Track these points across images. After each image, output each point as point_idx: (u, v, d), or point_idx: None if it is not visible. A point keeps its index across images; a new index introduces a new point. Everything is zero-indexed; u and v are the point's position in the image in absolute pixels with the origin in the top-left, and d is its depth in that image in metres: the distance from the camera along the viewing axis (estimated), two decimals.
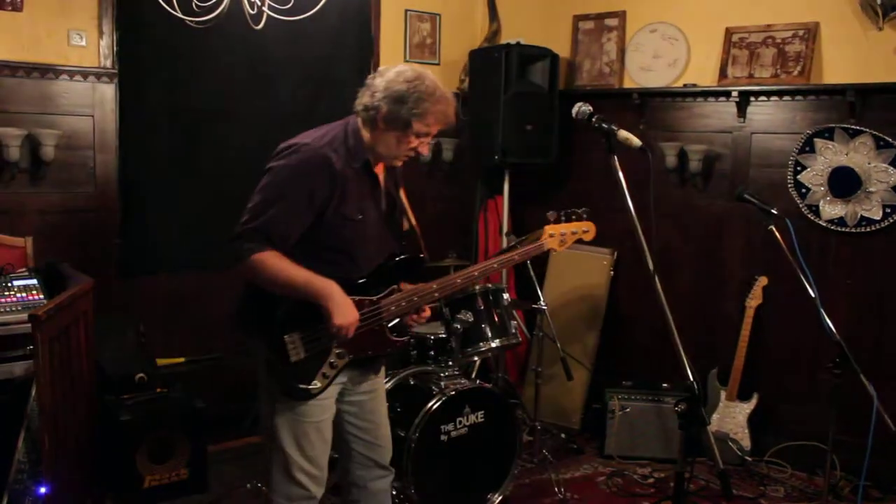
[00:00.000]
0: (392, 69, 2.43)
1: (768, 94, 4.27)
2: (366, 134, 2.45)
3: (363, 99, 2.44)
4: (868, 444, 3.16)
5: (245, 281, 2.48)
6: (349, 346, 2.45)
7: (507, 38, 5.20)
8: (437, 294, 2.58)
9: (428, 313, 2.63)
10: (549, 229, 2.77)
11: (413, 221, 2.67)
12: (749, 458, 4.18)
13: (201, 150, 4.28)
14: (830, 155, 4.08)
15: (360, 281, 2.48)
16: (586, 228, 2.85)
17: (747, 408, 4.22)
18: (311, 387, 2.42)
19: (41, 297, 3.31)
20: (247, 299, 2.50)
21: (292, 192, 2.34)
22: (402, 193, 2.67)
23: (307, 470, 2.50)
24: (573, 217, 2.82)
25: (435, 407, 3.35)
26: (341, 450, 2.71)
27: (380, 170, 2.54)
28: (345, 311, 2.35)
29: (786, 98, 4.24)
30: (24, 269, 3.48)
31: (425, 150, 2.51)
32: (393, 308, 2.52)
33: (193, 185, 4.27)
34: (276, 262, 2.32)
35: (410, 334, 2.64)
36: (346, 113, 2.53)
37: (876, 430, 3.14)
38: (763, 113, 4.33)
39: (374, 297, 2.50)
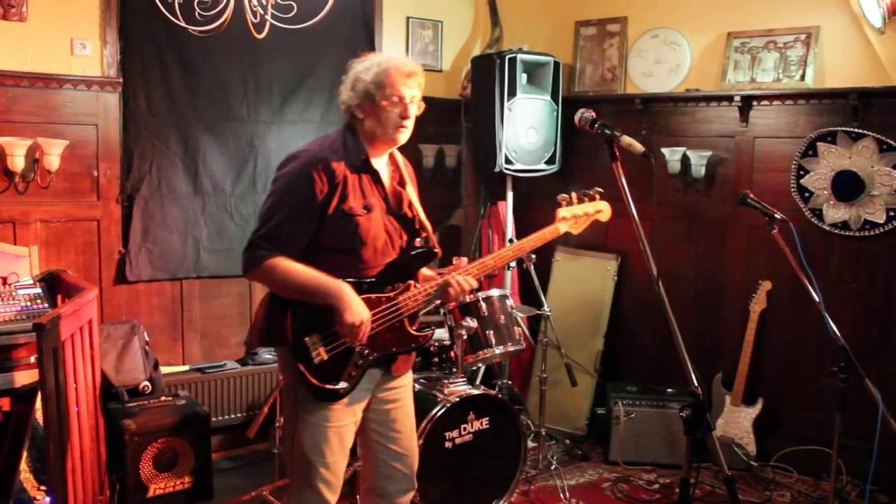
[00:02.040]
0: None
1: (770, 98, 4.27)
2: (357, 131, 2.54)
3: (341, 108, 2.57)
4: (874, 449, 3.15)
5: (262, 300, 2.56)
6: (372, 345, 2.48)
7: (509, 44, 5.21)
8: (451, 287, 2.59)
9: (474, 284, 2.63)
10: (562, 211, 2.76)
11: (423, 217, 2.69)
12: (754, 463, 4.17)
13: (205, 159, 4.29)
14: (833, 159, 4.08)
15: (373, 279, 2.51)
16: (600, 208, 2.81)
17: (752, 412, 4.21)
18: (338, 387, 2.45)
19: (45, 305, 3.31)
20: (265, 311, 2.54)
21: (295, 197, 2.42)
22: (413, 189, 2.69)
23: (326, 477, 2.51)
24: (585, 198, 2.78)
25: (439, 414, 3.35)
26: (366, 459, 2.70)
27: (382, 167, 2.58)
28: (355, 308, 2.39)
29: (788, 102, 4.24)
30: (28, 278, 3.50)
31: (412, 112, 2.51)
32: (410, 303, 2.54)
33: (196, 194, 4.28)
34: (286, 267, 2.39)
35: (432, 327, 2.64)
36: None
37: (882, 435, 3.12)
38: (765, 117, 4.33)
39: (391, 294, 2.53)
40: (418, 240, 2.67)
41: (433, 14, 5.16)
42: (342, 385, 2.45)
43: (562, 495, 3.87)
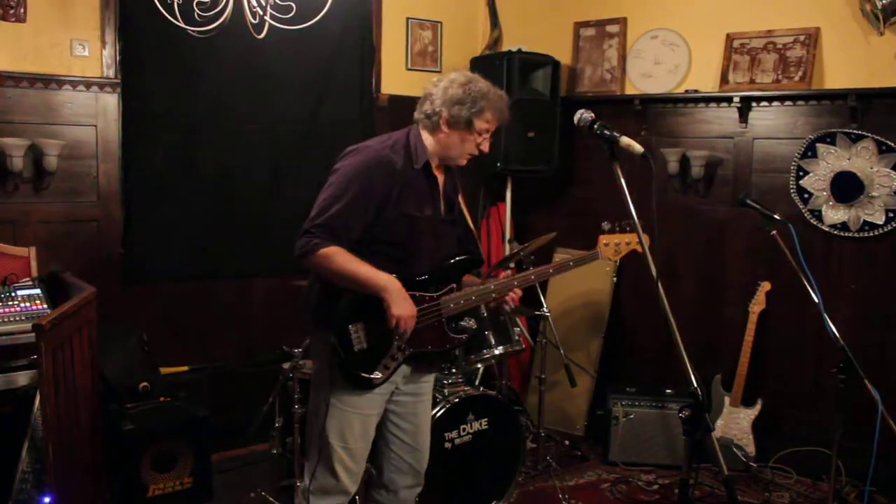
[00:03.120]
0: (445, 78, 2.60)
1: (770, 99, 4.27)
2: (428, 139, 2.60)
3: (423, 107, 2.60)
4: (873, 450, 3.15)
5: (311, 278, 2.63)
6: (410, 340, 2.54)
7: (508, 45, 5.21)
8: (494, 294, 2.69)
9: (519, 293, 2.74)
10: (604, 238, 2.86)
11: (471, 225, 2.78)
12: (754, 464, 4.17)
13: (204, 160, 4.29)
14: (833, 160, 4.08)
15: (421, 278, 2.58)
16: (640, 240, 2.86)
17: (751, 413, 4.21)
18: (373, 376, 2.52)
19: (45, 306, 3.32)
20: (316, 290, 2.60)
21: (354, 190, 2.47)
22: (461, 199, 2.79)
23: (346, 462, 2.59)
24: (627, 228, 2.88)
25: (439, 414, 3.35)
26: (379, 449, 2.76)
27: (440, 174, 2.65)
28: (403, 303, 2.47)
29: (787, 103, 4.24)
30: (27, 279, 3.49)
31: (486, 147, 2.64)
32: (452, 305, 2.62)
33: (196, 194, 4.28)
34: (340, 257, 2.45)
35: (469, 332, 2.73)
36: (349, 120, 2.60)
37: (881, 436, 3.12)
38: (765, 118, 4.33)
39: (434, 294, 2.60)
40: (465, 247, 2.77)
41: (433, 15, 5.16)
42: (377, 375, 2.53)
43: (561, 496, 3.87)
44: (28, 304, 3.29)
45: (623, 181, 2.31)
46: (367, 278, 2.46)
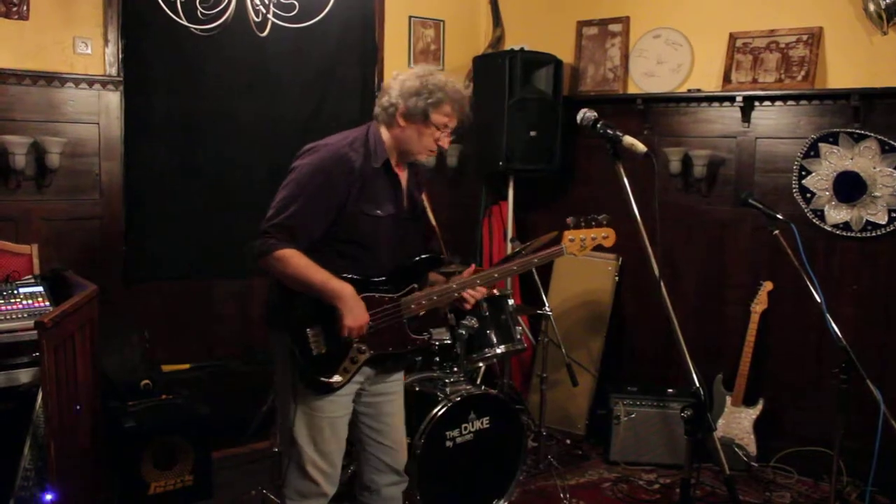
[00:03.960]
0: (405, 72, 2.55)
1: (772, 98, 4.27)
2: (386, 134, 2.54)
3: (381, 101, 2.55)
4: (875, 450, 3.14)
5: (272, 280, 2.57)
6: (369, 342, 2.51)
7: (510, 44, 5.20)
8: (456, 294, 2.63)
9: (482, 291, 2.67)
10: (570, 234, 2.81)
11: (433, 223, 2.72)
12: (755, 464, 4.17)
13: (206, 158, 4.29)
14: (835, 160, 4.08)
15: (380, 279, 2.54)
16: (606, 234, 2.87)
17: (753, 413, 4.21)
18: (332, 380, 2.48)
19: (47, 304, 3.32)
20: (275, 293, 2.57)
21: (313, 189, 2.43)
22: (424, 196, 2.74)
23: (319, 466, 2.55)
24: (593, 223, 2.85)
25: (440, 413, 3.35)
26: (356, 451, 2.75)
27: (401, 171, 2.60)
28: (356, 312, 2.43)
29: (790, 103, 4.23)
30: (29, 277, 3.50)
31: (446, 143, 2.58)
32: (413, 306, 2.58)
33: (198, 193, 4.28)
34: (296, 260, 2.40)
35: (430, 333, 2.71)
36: (351, 118, 2.58)
37: (882, 436, 3.12)
38: (767, 118, 4.33)
39: (394, 295, 2.56)
40: (427, 244, 2.74)
41: (435, 13, 5.16)
42: (336, 379, 2.48)
43: (562, 495, 3.87)
44: (30, 302, 3.30)
45: (625, 180, 2.31)
46: (321, 285, 2.41)
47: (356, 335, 2.44)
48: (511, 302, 3.82)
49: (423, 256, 2.63)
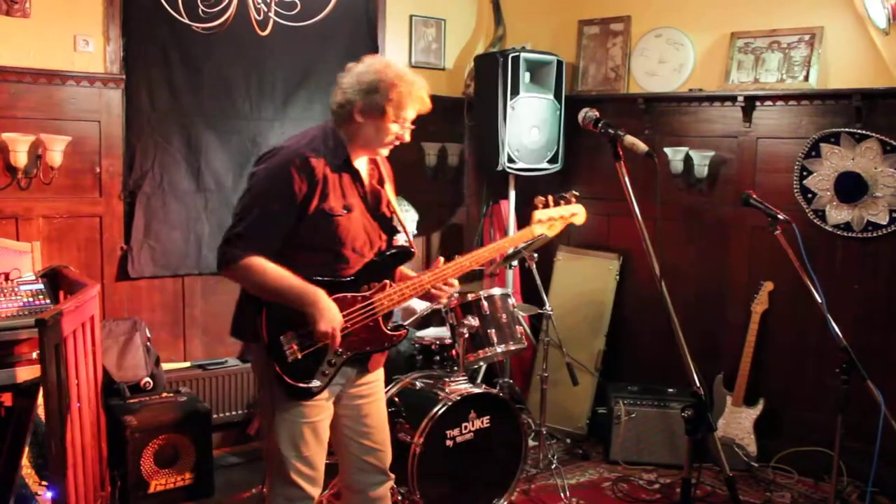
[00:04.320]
0: (359, 65, 2.50)
1: (774, 98, 4.27)
2: (344, 130, 2.49)
3: (336, 98, 2.49)
4: (875, 450, 3.14)
5: (240, 290, 2.53)
6: (346, 344, 2.47)
7: (512, 43, 5.20)
8: (428, 286, 2.61)
9: (454, 286, 2.65)
10: (538, 213, 2.80)
11: (399, 216, 2.68)
12: (755, 464, 4.17)
13: (207, 156, 4.29)
14: (836, 160, 4.07)
15: (350, 278, 2.50)
16: (575, 211, 2.86)
17: (753, 413, 4.21)
18: (311, 385, 2.44)
19: (48, 301, 3.32)
20: (241, 305, 2.53)
21: (274, 194, 2.38)
22: (390, 188, 2.68)
23: (302, 470, 2.51)
24: (561, 201, 2.83)
25: (440, 412, 3.35)
26: (340, 454, 2.71)
27: (363, 166, 2.57)
28: (329, 316, 2.38)
29: (791, 103, 4.23)
30: (30, 274, 3.50)
31: (407, 136, 2.53)
32: (386, 302, 2.54)
33: (199, 190, 4.28)
34: (262, 268, 2.35)
35: (406, 327, 2.69)
36: None
37: (883, 436, 3.12)
38: (769, 118, 4.32)
39: (367, 293, 2.52)
40: (395, 238, 2.67)
41: (436, 12, 5.16)
42: (315, 383, 2.45)
43: (562, 494, 3.87)
44: (31, 300, 3.29)
45: (627, 180, 2.31)
46: (290, 291, 2.36)
47: (332, 339, 2.40)
48: (512, 301, 3.82)
49: (393, 251, 2.60)
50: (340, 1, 4.48)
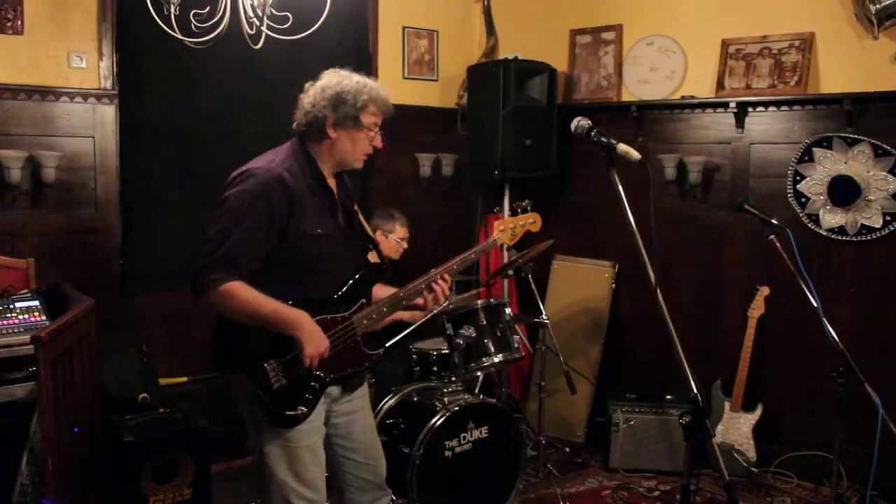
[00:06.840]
0: (317, 82, 2.54)
1: (766, 104, 4.29)
2: (315, 148, 2.48)
3: (301, 119, 2.50)
4: (874, 454, 3.15)
5: (216, 320, 2.46)
6: (327, 367, 2.45)
7: (504, 52, 5.22)
8: (405, 301, 2.60)
9: (442, 289, 2.63)
10: (499, 224, 2.90)
11: (370, 232, 2.68)
12: (755, 469, 4.17)
13: (202, 170, 4.28)
14: (829, 164, 4.09)
15: (328, 298, 2.48)
16: (532, 219, 3.00)
17: (752, 418, 4.21)
18: (297, 412, 2.41)
19: (43, 318, 3.31)
20: (220, 336, 2.47)
21: (251, 216, 2.32)
22: (355, 205, 2.67)
23: (304, 494, 2.47)
24: (518, 210, 2.99)
25: (439, 423, 3.34)
26: (334, 474, 2.69)
27: (333, 185, 2.54)
28: (315, 339, 2.35)
29: (783, 108, 4.25)
30: (25, 291, 3.49)
31: (379, 142, 2.53)
32: (365, 322, 2.53)
33: (194, 205, 4.27)
34: (243, 293, 2.29)
35: (383, 346, 2.69)
36: None
37: (882, 439, 3.12)
38: (761, 123, 4.34)
39: (346, 314, 2.50)
40: (369, 254, 2.66)
41: (429, 24, 5.18)
42: (301, 410, 2.42)
43: (562, 503, 3.86)
44: (26, 316, 3.28)
45: (620, 188, 2.32)
46: (274, 315, 2.30)
47: (317, 362, 2.37)
48: (508, 311, 3.82)
49: (368, 269, 2.57)
50: (333, 14, 4.48)
